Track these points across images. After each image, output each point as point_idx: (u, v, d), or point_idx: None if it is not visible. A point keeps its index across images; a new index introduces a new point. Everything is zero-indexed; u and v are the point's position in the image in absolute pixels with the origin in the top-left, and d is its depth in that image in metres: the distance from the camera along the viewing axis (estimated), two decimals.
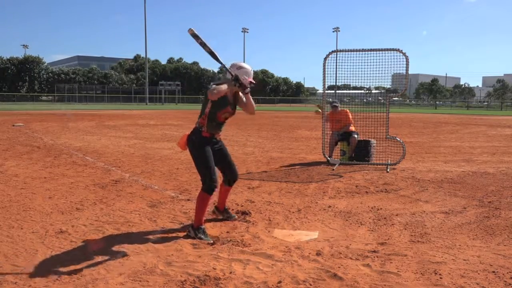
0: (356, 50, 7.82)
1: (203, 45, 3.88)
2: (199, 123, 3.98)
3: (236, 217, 4.49)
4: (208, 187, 3.90)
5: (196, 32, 3.83)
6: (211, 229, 4.13)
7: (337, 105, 8.78)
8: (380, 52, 7.62)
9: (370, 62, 7.74)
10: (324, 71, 8.17)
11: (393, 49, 7.51)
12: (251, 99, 4.03)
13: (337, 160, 8.25)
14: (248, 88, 3.90)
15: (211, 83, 3.92)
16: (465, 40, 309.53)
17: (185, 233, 3.98)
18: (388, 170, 7.48)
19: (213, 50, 3.89)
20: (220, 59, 3.99)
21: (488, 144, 12.20)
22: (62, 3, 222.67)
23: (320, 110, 8.54)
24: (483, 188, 6.07)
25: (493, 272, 3.17)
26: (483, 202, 5.28)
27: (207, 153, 3.92)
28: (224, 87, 3.73)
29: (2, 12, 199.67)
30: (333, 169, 7.68)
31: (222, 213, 4.47)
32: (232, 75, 3.86)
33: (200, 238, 3.82)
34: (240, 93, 4.02)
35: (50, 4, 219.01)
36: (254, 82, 3.95)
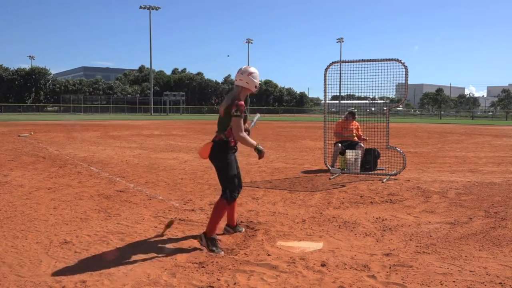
0: (356, 61, 7.85)
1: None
2: (225, 135, 3.91)
3: (243, 230, 4.46)
4: (230, 195, 3.92)
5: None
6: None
7: (354, 113, 8.88)
8: (381, 62, 7.63)
9: (373, 73, 7.76)
10: (325, 82, 8.19)
11: (392, 59, 7.51)
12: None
13: (337, 170, 8.25)
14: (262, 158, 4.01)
15: (233, 101, 3.84)
16: (471, 50, 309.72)
17: (189, 243, 3.97)
18: (384, 181, 7.44)
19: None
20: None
21: (494, 154, 12.14)
22: (69, 15, 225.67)
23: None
24: (489, 199, 6.03)
25: (500, 283, 3.14)
26: (489, 213, 5.24)
27: (233, 164, 3.97)
28: (252, 143, 3.88)
29: (9, 23, 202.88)
30: (330, 178, 7.71)
31: (235, 229, 4.41)
32: (257, 149, 3.92)
33: (212, 251, 3.79)
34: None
35: (57, 16, 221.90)
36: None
